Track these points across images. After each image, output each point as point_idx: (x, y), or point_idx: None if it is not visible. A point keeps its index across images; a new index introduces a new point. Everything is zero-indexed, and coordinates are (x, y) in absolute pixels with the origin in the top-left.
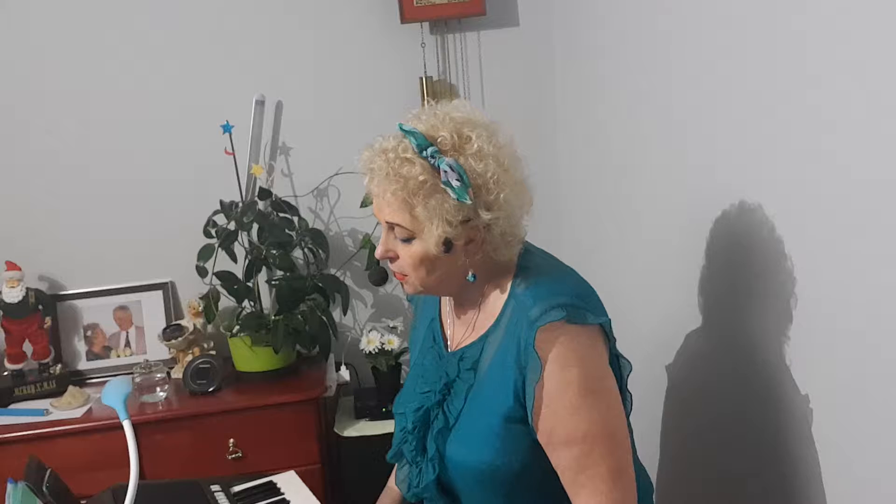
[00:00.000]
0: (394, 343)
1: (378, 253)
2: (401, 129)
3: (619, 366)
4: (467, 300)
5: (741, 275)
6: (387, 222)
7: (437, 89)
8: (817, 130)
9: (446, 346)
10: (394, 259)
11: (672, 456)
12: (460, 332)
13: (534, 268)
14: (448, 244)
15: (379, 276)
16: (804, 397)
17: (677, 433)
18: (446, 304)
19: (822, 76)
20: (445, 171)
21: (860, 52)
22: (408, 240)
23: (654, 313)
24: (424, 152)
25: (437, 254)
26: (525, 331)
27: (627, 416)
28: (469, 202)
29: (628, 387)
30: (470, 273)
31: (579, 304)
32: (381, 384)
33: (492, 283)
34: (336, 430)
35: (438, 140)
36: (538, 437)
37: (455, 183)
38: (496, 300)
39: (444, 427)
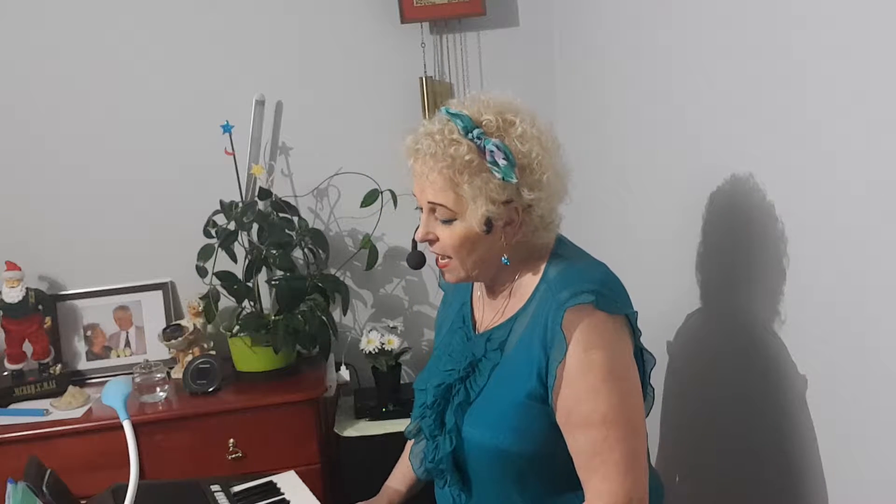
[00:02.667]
0: (394, 343)
1: (419, 235)
2: (447, 112)
3: (642, 360)
4: (499, 285)
5: (739, 258)
6: (429, 203)
7: (437, 89)
8: (815, 117)
9: (475, 329)
10: (433, 242)
11: (673, 437)
12: (490, 315)
13: (566, 256)
14: (489, 224)
15: (417, 259)
16: (802, 377)
17: (678, 414)
18: (477, 288)
19: (823, 63)
20: (492, 151)
21: (856, 41)
22: (449, 221)
23: (654, 299)
24: (470, 134)
25: (478, 234)
26: (553, 312)
27: (647, 412)
28: (515, 181)
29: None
30: (505, 256)
31: (608, 293)
32: (381, 384)
33: (525, 270)
34: (336, 430)
35: (483, 123)
36: (556, 417)
37: (501, 162)
38: (528, 285)
39: (464, 401)
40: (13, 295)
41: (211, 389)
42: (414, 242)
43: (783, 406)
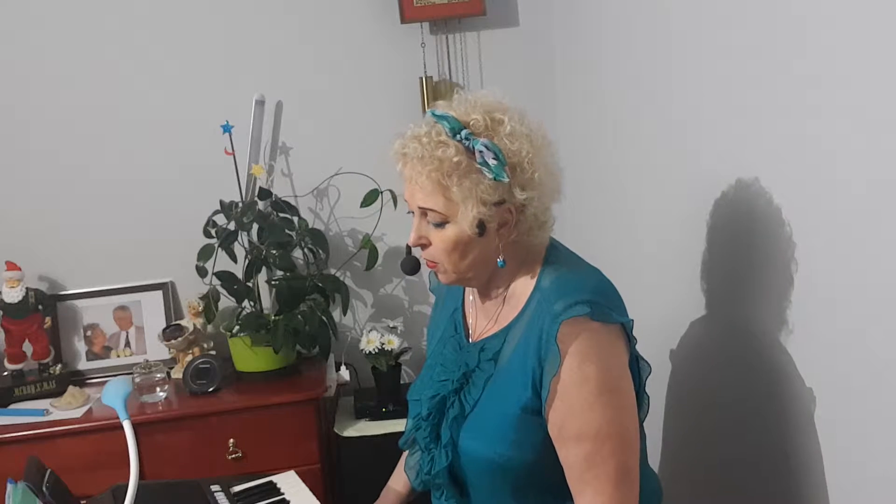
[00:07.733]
0: (394, 343)
1: (411, 240)
2: (433, 114)
3: (638, 368)
4: (492, 292)
5: (744, 264)
6: (419, 208)
7: (437, 89)
8: (818, 119)
9: (467, 337)
10: (426, 246)
11: (675, 446)
12: (482, 323)
13: (560, 263)
14: (482, 227)
15: (411, 264)
16: (808, 389)
17: (681, 423)
18: (469, 294)
19: (825, 68)
20: (481, 151)
21: (858, 42)
22: (441, 224)
23: (657, 305)
24: (458, 135)
25: (470, 237)
26: (548, 323)
27: (643, 419)
28: (507, 180)
29: (646, 390)
30: (500, 258)
31: (603, 302)
32: (381, 384)
33: (518, 277)
34: (336, 430)
35: (471, 123)
36: (549, 430)
37: (492, 162)
38: (521, 293)
39: (459, 415)
40: (13, 295)
41: (211, 389)
42: (408, 248)
43: (788, 417)
